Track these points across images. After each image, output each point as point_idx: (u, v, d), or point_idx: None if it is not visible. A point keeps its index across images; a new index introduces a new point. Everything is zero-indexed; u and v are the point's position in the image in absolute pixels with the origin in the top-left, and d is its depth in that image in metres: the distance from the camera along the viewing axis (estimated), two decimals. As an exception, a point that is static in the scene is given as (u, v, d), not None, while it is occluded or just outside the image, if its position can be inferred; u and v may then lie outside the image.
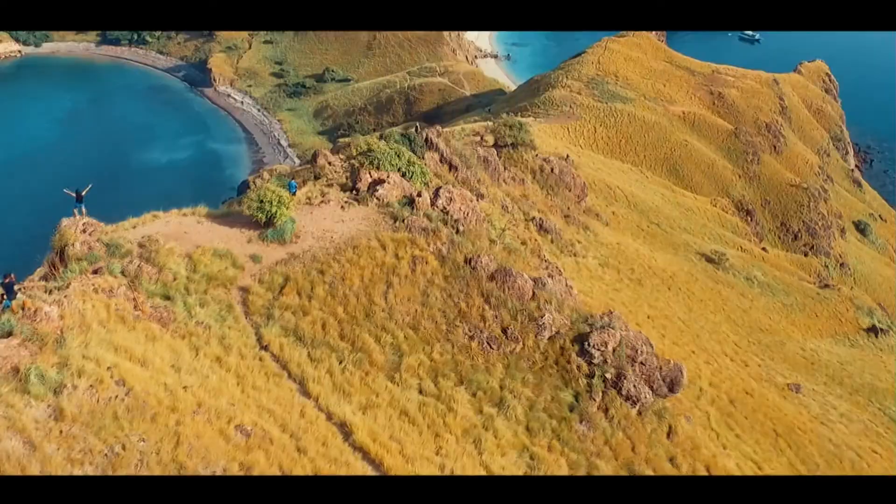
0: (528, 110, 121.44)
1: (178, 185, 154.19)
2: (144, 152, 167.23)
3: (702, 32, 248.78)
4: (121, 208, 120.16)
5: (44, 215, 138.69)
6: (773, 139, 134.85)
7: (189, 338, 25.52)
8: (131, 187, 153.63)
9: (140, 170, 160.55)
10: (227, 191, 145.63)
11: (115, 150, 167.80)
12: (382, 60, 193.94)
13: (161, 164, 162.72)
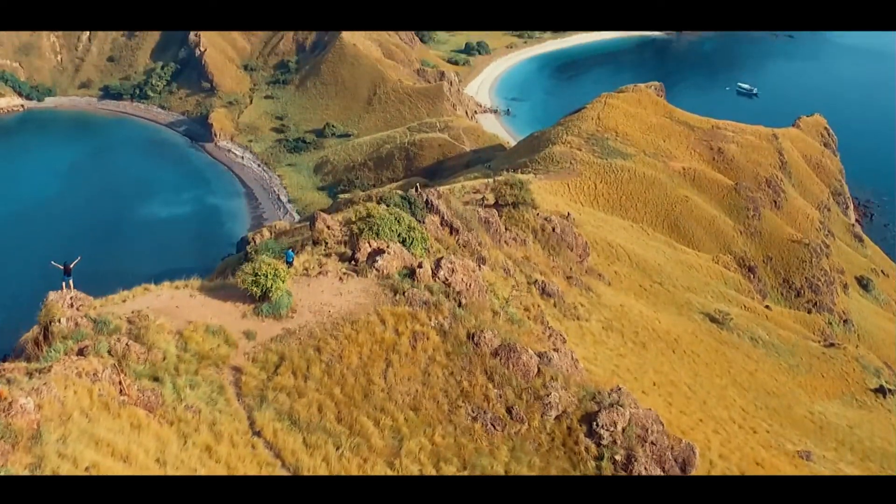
0: (528, 167, 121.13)
1: (178, 240, 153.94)
2: (144, 206, 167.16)
3: (699, 85, 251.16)
4: (119, 263, 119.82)
5: (38, 273, 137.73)
6: (773, 194, 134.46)
7: (177, 424, 24.21)
8: (131, 241, 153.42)
9: (140, 224, 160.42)
10: (226, 246, 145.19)
11: (116, 204, 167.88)
12: (383, 115, 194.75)
13: (161, 219, 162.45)
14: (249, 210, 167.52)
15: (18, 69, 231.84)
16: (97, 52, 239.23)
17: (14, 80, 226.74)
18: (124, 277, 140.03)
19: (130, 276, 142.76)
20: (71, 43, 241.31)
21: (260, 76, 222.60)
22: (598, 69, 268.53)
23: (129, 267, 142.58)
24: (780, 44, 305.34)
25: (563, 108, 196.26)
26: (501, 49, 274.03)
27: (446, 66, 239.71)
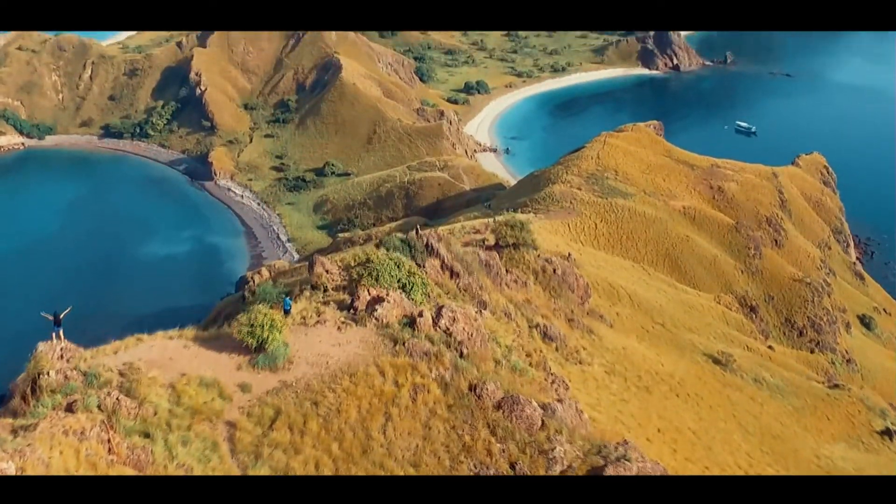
0: (528, 206, 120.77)
1: (177, 279, 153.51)
2: (143, 245, 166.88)
3: (697, 123, 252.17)
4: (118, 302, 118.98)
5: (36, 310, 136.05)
6: (773, 233, 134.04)
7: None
8: (130, 280, 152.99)
9: (139, 262, 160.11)
10: (225, 285, 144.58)
11: (115, 243, 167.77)
12: (382, 155, 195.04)
13: (160, 257, 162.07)
14: (249, 249, 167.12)
15: (20, 107, 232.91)
16: (98, 90, 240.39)
17: (15, 118, 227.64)
18: (123, 317, 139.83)
19: (129, 315, 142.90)
20: (73, 82, 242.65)
21: (260, 115, 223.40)
22: (597, 107, 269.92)
23: (127, 306, 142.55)
24: (778, 82, 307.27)
25: (563, 146, 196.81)
26: (501, 88, 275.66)
27: (446, 106, 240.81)
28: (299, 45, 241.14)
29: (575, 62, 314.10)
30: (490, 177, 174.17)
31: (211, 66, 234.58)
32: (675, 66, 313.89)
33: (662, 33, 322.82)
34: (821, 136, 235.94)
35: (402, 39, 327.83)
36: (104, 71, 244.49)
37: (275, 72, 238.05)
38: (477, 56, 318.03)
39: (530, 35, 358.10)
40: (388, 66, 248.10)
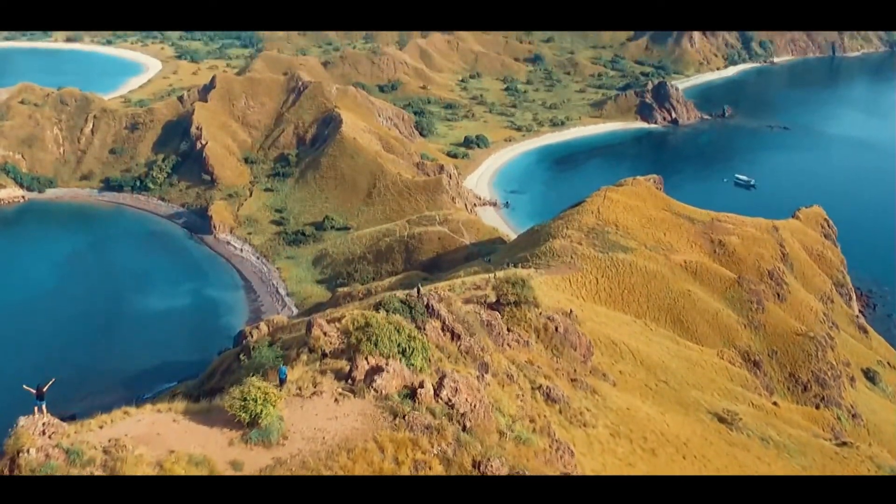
0: (528, 261, 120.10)
1: (175, 333, 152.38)
2: (142, 299, 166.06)
3: (696, 177, 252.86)
4: (115, 357, 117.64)
5: (32, 365, 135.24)
6: (776, 286, 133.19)
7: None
8: (128, 334, 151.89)
9: (137, 316, 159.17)
10: (223, 340, 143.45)
11: (113, 297, 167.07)
12: (382, 208, 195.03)
13: (158, 311, 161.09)
14: (247, 303, 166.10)
15: (21, 160, 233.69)
16: (99, 144, 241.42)
17: (16, 171, 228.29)
18: (120, 372, 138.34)
19: (126, 370, 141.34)
20: (74, 135, 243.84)
21: (260, 169, 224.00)
22: (596, 161, 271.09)
23: (125, 361, 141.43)
24: (776, 135, 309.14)
25: (562, 200, 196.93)
26: (500, 142, 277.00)
27: (445, 160, 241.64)
28: (300, 99, 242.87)
29: (574, 116, 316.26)
30: (490, 231, 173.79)
31: (212, 120, 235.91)
32: (673, 119, 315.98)
33: (660, 88, 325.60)
34: (820, 188, 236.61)
35: (401, 93, 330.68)
36: (106, 124, 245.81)
37: (275, 126, 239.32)
38: (476, 110, 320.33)
39: (529, 89, 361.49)
40: (388, 120, 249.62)
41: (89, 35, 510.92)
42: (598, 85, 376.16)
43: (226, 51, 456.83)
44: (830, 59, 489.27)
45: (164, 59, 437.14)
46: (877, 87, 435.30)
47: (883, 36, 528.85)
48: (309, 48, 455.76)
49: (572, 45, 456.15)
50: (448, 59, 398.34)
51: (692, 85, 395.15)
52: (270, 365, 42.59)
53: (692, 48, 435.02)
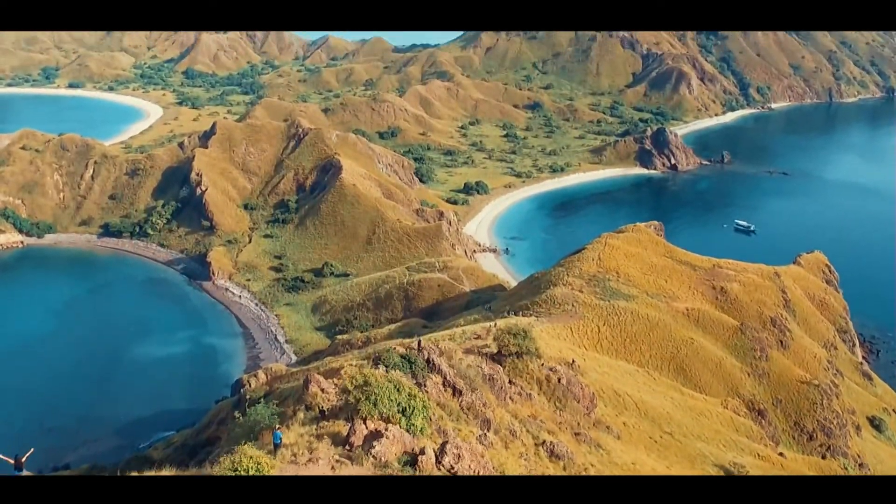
0: (529, 309, 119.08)
1: (172, 381, 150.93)
2: (139, 346, 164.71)
3: (696, 223, 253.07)
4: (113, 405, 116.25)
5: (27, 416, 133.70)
6: (779, 333, 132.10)
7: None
8: (125, 382, 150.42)
9: (134, 364, 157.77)
10: (221, 388, 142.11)
11: (110, 344, 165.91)
12: (382, 255, 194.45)
13: (155, 359, 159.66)
14: (246, 350, 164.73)
15: (21, 206, 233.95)
16: (99, 190, 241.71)
17: (15, 216, 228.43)
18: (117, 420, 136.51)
19: (123, 418, 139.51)
20: (74, 181, 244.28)
21: (259, 215, 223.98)
22: (596, 208, 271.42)
23: (121, 409, 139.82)
24: (775, 181, 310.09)
25: (562, 246, 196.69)
26: (500, 188, 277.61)
27: (445, 206, 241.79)
28: (300, 146, 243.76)
29: (573, 162, 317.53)
30: (490, 278, 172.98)
31: (212, 166, 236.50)
32: (672, 165, 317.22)
33: (659, 134, 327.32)
34: (820, 234, 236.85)
35: (401, 140, 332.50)
36: (106, 170, 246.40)
37: (275, 172, 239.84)
38: (476, 157, 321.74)
39: (529, 136, 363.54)
40: (388, 167, 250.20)
41: (91, 82, 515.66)
42: (597, 131, 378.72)
43: (227, 97, 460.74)
44: (828, 106, 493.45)
45: (165, 105, 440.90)
46: (874, 133, 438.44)
47: (880, 82, 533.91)
48: (309, 95, 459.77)
49: (571, 91, 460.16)
50: (448, 106, 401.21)
51: (691, 131, 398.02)
52: (265, 424, 41.36)
53: (690, 95, 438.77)
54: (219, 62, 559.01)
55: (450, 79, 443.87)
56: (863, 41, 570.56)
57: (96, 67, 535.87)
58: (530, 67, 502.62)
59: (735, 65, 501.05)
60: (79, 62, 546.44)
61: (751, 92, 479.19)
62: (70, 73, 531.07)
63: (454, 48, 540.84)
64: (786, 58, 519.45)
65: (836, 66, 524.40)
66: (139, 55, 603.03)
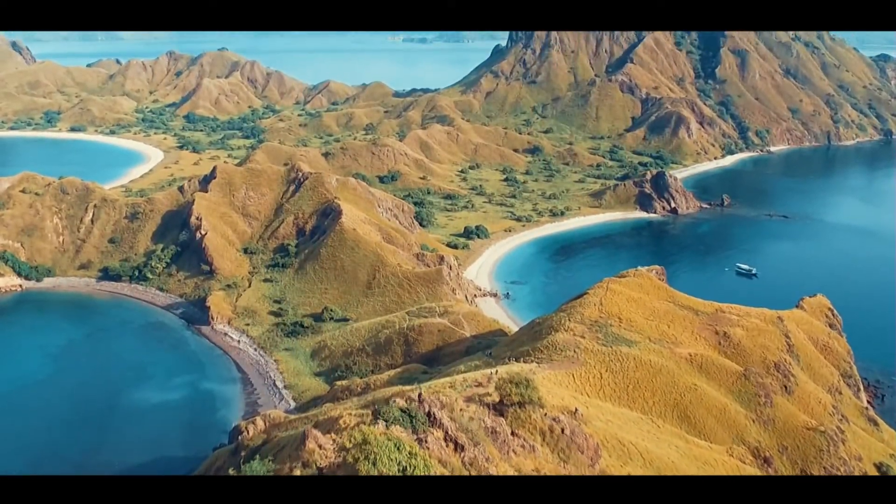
0: (530, 355, 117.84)
1: (168, 428, 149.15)
2: (136, 391, 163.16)
3: (697, 267, 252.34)
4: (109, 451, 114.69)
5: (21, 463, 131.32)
6: (783, 379, 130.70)
7: None
8: (120, 429, 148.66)
9: (130, 410, 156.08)
10: (218, 434, 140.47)
11: (106, 389, 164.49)
12: (381, 300, 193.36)
13: (152, 405, 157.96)
14: (244, 396, 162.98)
15: (20, 249, 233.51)
16: (99, 233, 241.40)
17: (14, 260, 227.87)
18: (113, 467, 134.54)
19: (119, 465, 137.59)
20: (74, 224, 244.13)
21: (259, 259, 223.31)
22: (597, 251, 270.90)
23: (118, 455, 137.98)
24: (776, 224, 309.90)
25: (564, 291, 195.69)
26: (500, 232, 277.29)
27: (445, 250, 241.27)
28: (300, 190, 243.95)
29: (573, 206, 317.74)
30: (491, 323, 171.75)
31: (212, 210, 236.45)
32: (672, 209, 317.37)
33: (659, 178, 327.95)
34: (822, 277, 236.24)
35: (401, 184, 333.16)
36: (105, 214, 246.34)
37: (275, 216, 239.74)
38: (476, 201, 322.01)
39: (528, 180, 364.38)
40: (388, 211, 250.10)
41: (93, 126, 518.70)
42: (597, 175, 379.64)
43: (227, 141, 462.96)
44: (826, 149, 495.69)
45: (166, 149, 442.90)
46: (873, 175, 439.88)
47: (878, 125, 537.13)
48: (310, 139, 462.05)
49: (571, 135, 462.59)
50: (448, 150, 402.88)
51: (690, 175, 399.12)
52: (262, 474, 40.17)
53: (689, 138, 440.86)
54: (220, 106, 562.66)
55: (450, 123, 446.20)
56: (860, 85, 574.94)
57: (98, 111, 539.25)
58: (530, 112, 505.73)
59: (734, 108, 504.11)
60: (81, 106, 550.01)
61: (750, 135, 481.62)
62: (72, 117, 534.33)
63: (454, 92, 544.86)
64: (784, 101, 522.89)
65: (835, 109, 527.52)
66: (141, 99, 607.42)
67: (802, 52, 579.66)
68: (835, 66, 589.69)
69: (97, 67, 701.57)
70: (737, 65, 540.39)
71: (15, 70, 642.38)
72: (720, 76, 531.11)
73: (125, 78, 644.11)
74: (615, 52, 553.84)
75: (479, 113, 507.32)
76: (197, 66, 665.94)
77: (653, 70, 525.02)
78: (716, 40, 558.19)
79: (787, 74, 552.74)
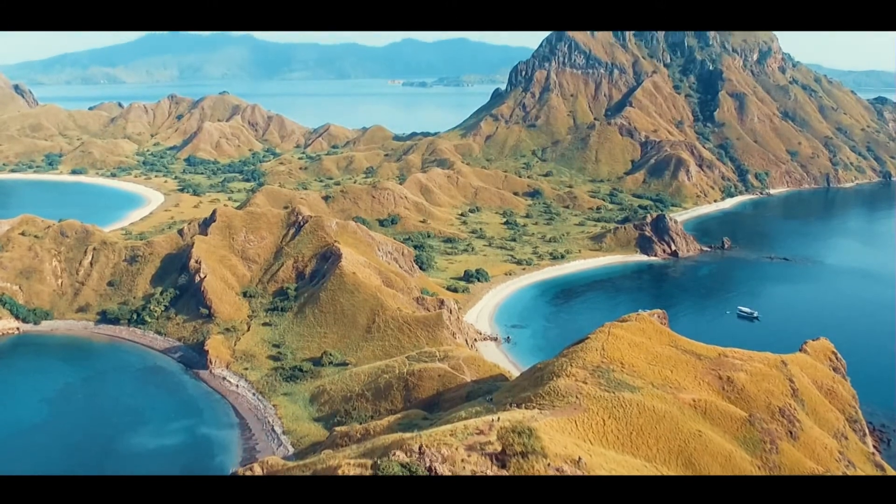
0: (532, 401, 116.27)
1: (166, 474, 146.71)
2: (132, 437, 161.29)
3: (698, 310, 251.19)
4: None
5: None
6: (788, 425, 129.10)
7: None
8: (116, 474, 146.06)
9: (126, 455, 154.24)
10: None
11: (103, 433, 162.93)
12: (381, 344, 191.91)
13: (148, 450, 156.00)
14: (242, 442, 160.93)
15: (18, 292, 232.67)
16: (98, 276, 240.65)
17: (12, 303, 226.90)
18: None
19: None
20: (73, 267, 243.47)
21: (258, 303, 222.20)
22: (597, 295, 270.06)
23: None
24: (777, 267, 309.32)
25: (564, 334, 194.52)
26: (500, 276, 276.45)
27: (446, 294, 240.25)
28: (300, 233, 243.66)
29: (574, 249, 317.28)
30: (491, 367, 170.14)
31: (211, 253, 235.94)
32: (673, 252, 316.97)
33: (659, 221, 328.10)
34: (824, 320, 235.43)
35: (401, 227, 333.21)
36: (105, 257, 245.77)
37: (275, 260, 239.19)
38: (476, 244, 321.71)
39: (528, 223, 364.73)
40: (388, 255, 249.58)
41: (94, 168, 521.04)
42: (597, 218, 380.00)
43: (228, 184, 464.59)
44: (825, 191, 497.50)
45: (166, 191, 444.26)
46: (872, 217, 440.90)
47: (876, 167, 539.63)
48: (310, 182, 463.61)
49: (571, 178, 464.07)
50: (448, 194, 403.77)
51: (690, 217, 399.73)
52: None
53: (689, 181, 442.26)
54: (221, 149, 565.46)
55: (450, 166, 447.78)
56: (858, 127, 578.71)
57: (99, 154, 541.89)
58: (529, 155, 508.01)
59: (733, 151, 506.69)
60: (82, 149, 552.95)
61: (749, 178, 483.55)
62: (73, 160, 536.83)
63: (454, 136, 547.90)
64: (783, 144, 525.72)
65: (833, 151, 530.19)
66: (142, 142, 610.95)
67: (800, 95, 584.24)
68: (832, 108, 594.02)
69: (99, 110, 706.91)
70: (735, 108, 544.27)
71: (17, 113, 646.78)
72: (719, 119, 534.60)
73: (126, 121, 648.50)
74: (614, 96, 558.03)
75: (479, 156, 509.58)
76: (198, 109, 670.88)
77: (652, 113, 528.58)
78: (714, 84, 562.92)
79: (785, 117, 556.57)
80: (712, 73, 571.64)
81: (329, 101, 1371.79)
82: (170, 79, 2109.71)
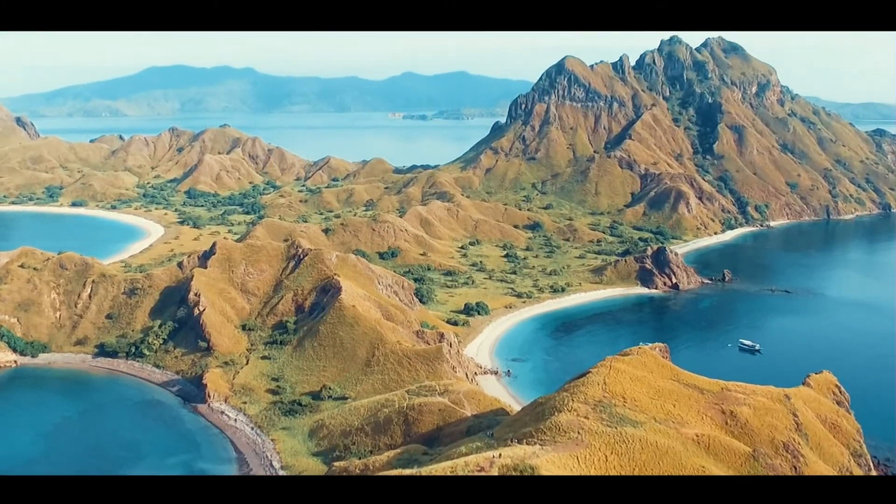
0: (533, 437, 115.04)
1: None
2: (129, 471, 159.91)
3: (699, 343, 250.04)
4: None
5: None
6: (792, 459, 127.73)
7: None
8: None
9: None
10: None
11: (99, 468, 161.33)
12: (381, 378, 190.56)
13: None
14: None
15: (16, 325, 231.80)
16: (96, 309, 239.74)
17: (10, 335, 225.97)
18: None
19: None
20: (71, 300, 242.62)
21: (257, 336, 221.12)
22: (598, 328, 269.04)
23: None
24: (778, 299, 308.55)
25: (566, 368, 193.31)
26: (501, 309, 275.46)
27: (446, 328, 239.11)
28: (300, 266, 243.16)
29: (574, 282, 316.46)
30: (492, 402, 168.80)
31: (210, 286, 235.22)
32: (674, 285, 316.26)
33: (660, 254, 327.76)
34: (826, 352, 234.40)
35: (401, 260, 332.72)
36: (104, 290, 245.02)
37: (274, 293, 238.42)
38: (476, 277, 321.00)
39: (529, 256, 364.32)
40: (388, 288, 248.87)
41: (94, 201, 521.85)
42: (597, 251, 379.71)
43: (228, 217, 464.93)
44: (825, 223, 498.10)
45: (166, 224, 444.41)
46: (873, 248, 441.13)
47: (876, 199, 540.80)
48: (310, 215, 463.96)
49: (571, 211, 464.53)
50: (448, 226, 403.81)
51: (691, 250, 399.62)
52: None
53: (689, 214, 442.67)
54: (221, 182, 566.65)
55: (450, 199, 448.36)
56: (857, 159, 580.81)
57: (100, 187, 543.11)
58: (529, 188, 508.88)
59: (732, 184, 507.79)
60: (82, 181, 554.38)
61: (749, 210, 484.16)
62: (74, 192, 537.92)
63: (454, 169, 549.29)
64: (782, 176, 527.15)
65: (832, 183, 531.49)
66: (143, 175, 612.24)
67: (799, 128, 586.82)
68: (831, 140, 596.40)
69: (100, 143, 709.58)
70: (734, 140, 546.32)
71: (18, 145, 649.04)
72: (718, 152, 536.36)
73: (127, 153, 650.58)
74: (613, 129, 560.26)
75: (479, 189, 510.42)
76: (199, 142, 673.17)
77: (651, 146, 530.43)
78: (713, 116, 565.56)
79: (784, 149, 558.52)
80: (711, 105, 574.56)
81: (329, 134, 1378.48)
82: (171, 111, 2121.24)
